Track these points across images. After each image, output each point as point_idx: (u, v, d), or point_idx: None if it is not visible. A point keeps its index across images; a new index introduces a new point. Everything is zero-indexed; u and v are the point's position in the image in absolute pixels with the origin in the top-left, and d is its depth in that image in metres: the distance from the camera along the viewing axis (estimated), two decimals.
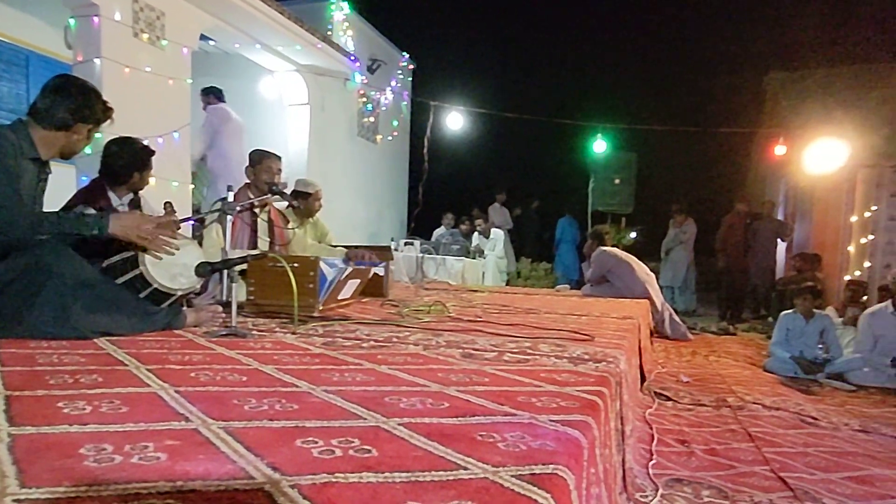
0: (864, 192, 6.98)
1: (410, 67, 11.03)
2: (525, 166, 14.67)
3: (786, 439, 3.15)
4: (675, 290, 9.51)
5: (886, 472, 2.65)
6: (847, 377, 4.99)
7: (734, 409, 3.73)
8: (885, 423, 3.71)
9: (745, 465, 2.64)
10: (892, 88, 8.12)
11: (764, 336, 6.88)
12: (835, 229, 7.94)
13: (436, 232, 9.81)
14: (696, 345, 6.37)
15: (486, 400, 1.36)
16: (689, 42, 13.51)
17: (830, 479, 2.49)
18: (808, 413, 3.78)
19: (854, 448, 3.07)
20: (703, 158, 12.26)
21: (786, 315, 5.53)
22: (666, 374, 4.62)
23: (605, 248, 6.42)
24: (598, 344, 2.36)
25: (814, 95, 8.34)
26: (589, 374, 1.70)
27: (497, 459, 0.96)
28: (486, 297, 4.89)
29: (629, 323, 3.36)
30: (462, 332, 2.60)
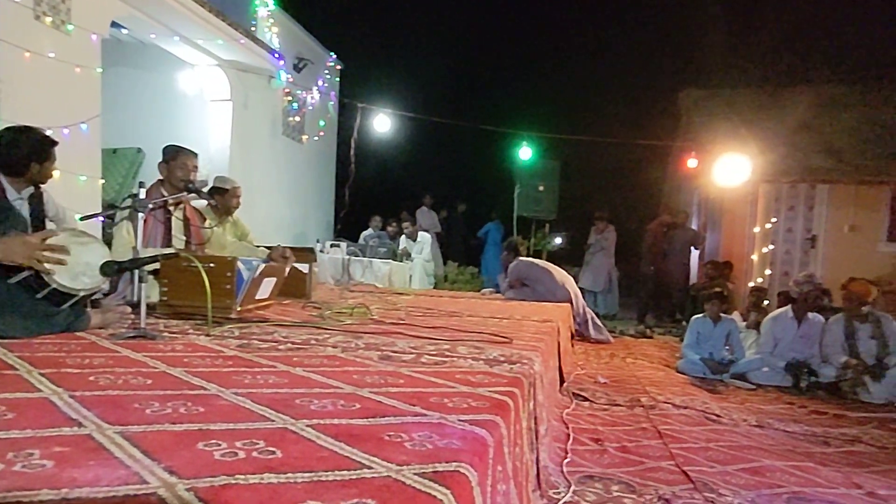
0: (765, 205, 7.49)
1: (338, 68, 10.89)
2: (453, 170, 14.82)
3: (691, 435, 3.32)
4: (596, 295, 9.84)
5: (776, 464, 2.84)
6: (749, 377, 5.32)
7: (647, 408, 3.90)
8: (778, 418, 3.99)
9: (653, 460, 2.76)
10: (788, 111, 8.80)
11: (678, 339, 7.23)
12: (741, 239, 8.48)
13: (363, 234, 9.74)
14: (615, 347, 6.61)
15: (398, 401, 1.37)
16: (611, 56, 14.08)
17: (727, 471, 2.65)
18: (713, 411, 4.01)
19: (750, 442, 3.29)
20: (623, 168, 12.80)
21: (696, 319, 5.83)
22: (585, 376, 4.77)
23: (521, 258, 6.62)
24: (515, 346, 2.41)
25: (722, 113, 8.90)
26: (503, 376, 1.73)
27: (402, 458, 0.97)
28: (411, 300, 4.90)
29: (548, 326, 3.46)
30: (383, 334, 2.60)
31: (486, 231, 11.22)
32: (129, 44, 7.80)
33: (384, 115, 9.17)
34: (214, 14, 6.79)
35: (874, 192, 8.13)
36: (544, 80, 15.96)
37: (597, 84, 14.22)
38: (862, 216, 8.54)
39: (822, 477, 2.73)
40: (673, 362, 5.78)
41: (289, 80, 8.86)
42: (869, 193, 8.20)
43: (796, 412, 4.29)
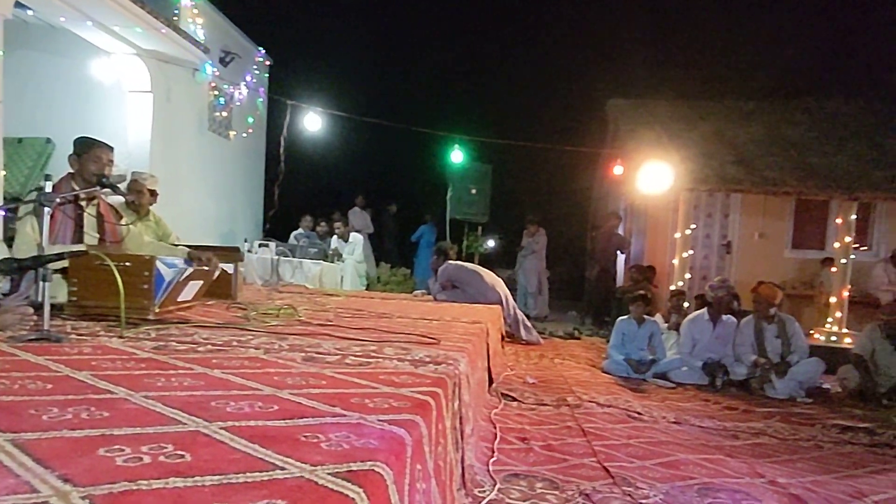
0: (685, 212, 7.87)
1: (267, 63, 10.60)
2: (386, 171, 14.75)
3: (613, 433, 3.44)
4: (528, 297, 10.04)
5: (690, 457, 2.99)
6: (669, 376, 5.56)
7: (572, 407, 4.00)
8: (694, 415, 4.19)
9: (576, 457, 2.84)
10: (707, 124, 9.31)
11: (604, 340, 7.47)
12: (663, 244, 8.86)
13: (293, 234, 9.54)
14: (544, 348, 6.76)
15: (318, 402, 1.34)
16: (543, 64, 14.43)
17: (645, 466, 2.76)
18: (635, 409, 4.16)
19: (667, 438, 3.43)
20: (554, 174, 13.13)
21: (621, 320, 6.04)
22: (514, 377, 4.84)
23: (450, 262, 6.69)
24: (443, 347, 2.42)
25: (646, 123, 9.29)
26: (427, 376, 1.74)
27: (317, 459, 0.95)
28: (341, 301, 4.84)
29: (477, 327, 3.49)
30: (309, 335, 2.55)
31: (419, 234, 11.24)
32: (36, 26, 7.31)
33: (315, 114, 9.01)
34: (132, 1, 6.45)
35: (780, 202, 8.70)
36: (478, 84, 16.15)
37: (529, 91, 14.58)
38: (770, 224, 9.12)
39: (730, 468, 2.88)
40: (599, 363, 5.96)
41: (215, 73, 8.56)
42: (776, 203, 8.76)
43: (711, 408, 4.51)
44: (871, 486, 2.87)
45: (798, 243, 9.19)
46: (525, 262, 10.05)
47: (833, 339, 7.36)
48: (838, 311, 7.58)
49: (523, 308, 9.32)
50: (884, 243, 8.87)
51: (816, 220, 9.06)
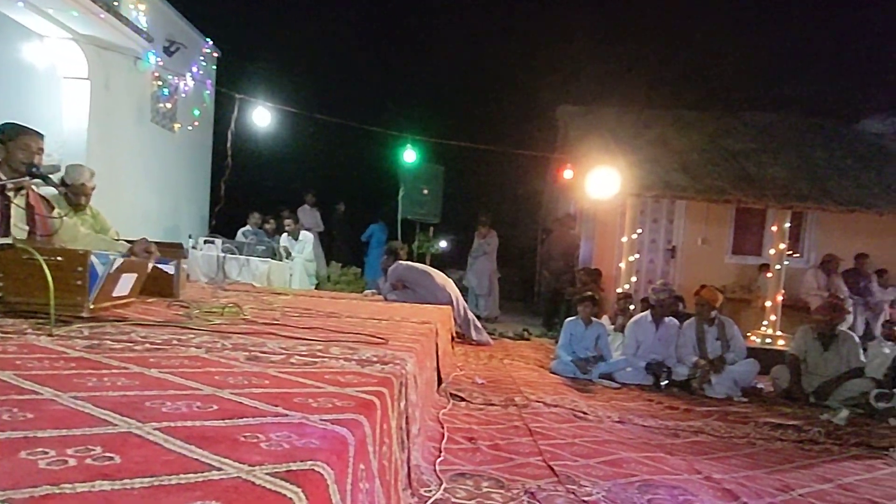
0: (632, 217, 8.08)
1: (215, 55, 10.31)
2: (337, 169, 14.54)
3: (559, 432, 3.49)
4: (478, 298, 10.10)
5: (632, 455, 3.06)
6: (615, 377, 5.70)
7: (520, 407, 4.05)
8: (638, 414, 4.30)
9: (522, 457, 2.87)
10: (652, 132, 9.61)
11: (553, 341, 7.59)
12: (611, 248, 9.07)
13: (240, 231, 9.32)
14: (494, 349, 6.82)
15: (260, 402, 1.31)
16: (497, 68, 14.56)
17: (589, 464, 2.82)
18: (581, 409, 4.24)
19: (611, 436, 3.51)
20: (506, 176, 13.28)
21: (570, 321, 6.14)
22: (463, 377, 4.87)
23: (400, 262, 6.68)
24: (391, 347, 2.40)
25: (596, 130, 9.50)
26: (373, 376, 1.72)
27: (256, 459, 0.92)
28: (289, 300, 4.75)
29: (427, 328, 3.49)
30: (254, 334, 2.49)
31: (370, 233, 11.16)
32: None
33: (264, 109, 8.81)
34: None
35: (722, 209, 9.03)
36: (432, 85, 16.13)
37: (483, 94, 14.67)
38: (712, 231, 9.47)
39: (670, 465, 2.97)
40: (548, 363, 6.05)
41: (158, 63, 8.26)
42: (718, 211, 9.10)
43: (654, 408, 4.64)
44: (796, 479, 3.01)
45: (738, 249, 9.56)
46: (476, 263, 10.12)
47: (768, 342, 7.70)
48: (773, 314, 7.93)
49: (474, 309, 9.37)
50: (814, 251, 9.33)
51: (754, 228, 9.44)
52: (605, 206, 8.74)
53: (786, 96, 12.48)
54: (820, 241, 9.35)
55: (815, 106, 11.36)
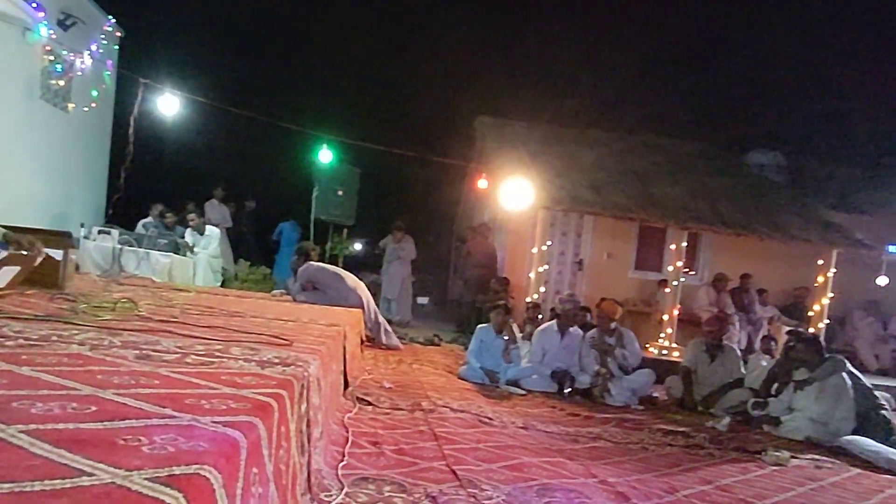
0: (542, 229, 8.34)
1: (117, 34, 9.65)
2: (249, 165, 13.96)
3: (464, 437, 3.52)
4: (391, 302, 10.05)
5: (533, 460, 3.14)
6: (521, 383, 5.82)
7: (426, 412, 4.05)
8: (541, 420, 4.42)
9: (426, 461, 2.87)
10: (564, 148, 10.00)
11: (463, 347, 7.66)
12: (522, 258, 9.30)
13: (141, 222, 8.78)
14: (404, 354, 6.79)
15: (146, 403, 1.23)
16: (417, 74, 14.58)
17: (491, 469, 2.86)
18: (486, 414, 4.30)
19: (514, 442, 3.58)
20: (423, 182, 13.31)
21: (481, 328, 6.23)
22: (371, 381, 4.82)
23: (311, 263, 6.56)
24: (295, 349, 2.34)
25: (510, 143, 9.75)
26: (273, 378, 1.66)
27: (135, 463, 0.86)
28: (191, 297, 4.51)
29: (334, 330, 3.42)
30: (148, 332, 2.34)
31: (279, 231, 10.85)
32: None
33: (172, 96, 8.33)
34: None
35: (626, 226, 9.50)
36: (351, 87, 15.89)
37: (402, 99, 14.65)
38: (618, 246, 9.93)
39: (568, 469, 3.07)
40: (457, 369, 6.10)
41: (51, 36, 7.62)
42: (623, 227, 9.55)
43: (557, 414, 4.78)
44: (682, 482, 3.20)
45: (640, 265, 10.08)
46: (390, 267, 10.07)
47: (664, 353, 8.16)
48: (670, 327, 8.42)
49: (386, 313, 9.32)
50: (707, 269, 10.00)
51: (655, 246, 9.99)
52: (517, 217, 8.96)
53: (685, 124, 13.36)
54: (712, 260, 10.02)
55: (710, 136, 12.27)
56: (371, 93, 15.20)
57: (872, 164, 11.63)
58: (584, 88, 13.56)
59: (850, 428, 4.79)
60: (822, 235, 8.63)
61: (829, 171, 11.21)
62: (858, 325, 9.67)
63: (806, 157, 11.58)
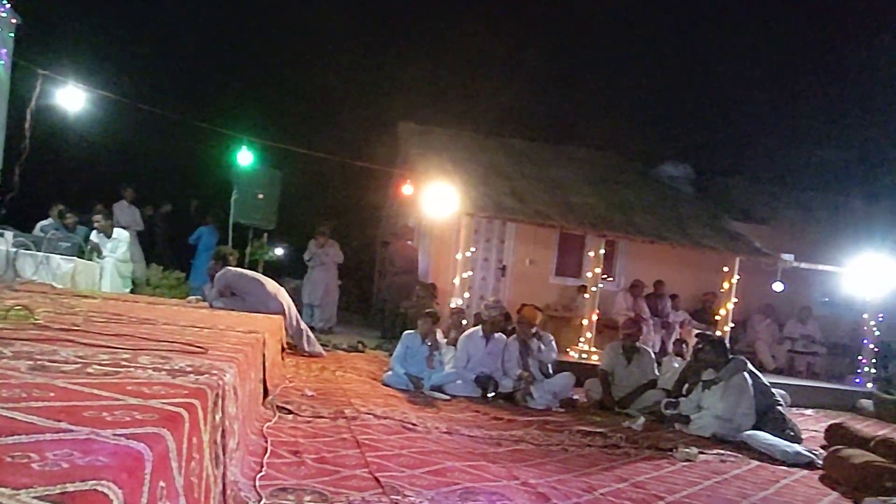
0: (466, 235, 8.43)
1: (13, 21, 8.93)
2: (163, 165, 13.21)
3: (387, 444, 3.49)
4: (314, 308, 9.84)
5: (457, 465, 3.15)
6: (446, 389, 5.83)
7: (349, 419, 3.99)
8: (465, 425, 4.44)
9: (349, 469, 2.83)
10: (487, 156, 10.18)
11: (388, 354, 7.59)
12: (447, 264, 9.35)
13: (39, 224, 8.16)
14: (327, 361, 6.66)
15: (38, 417, 1.13)
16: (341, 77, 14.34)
17: (415, 474, 2.84)
18: (410, 420, 4.28)
19: (438, 447, 3.58)
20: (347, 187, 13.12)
21: (407, 334, 6.19)
22: (293, 389, 4.69)
23: (229, 268, 6.34)
24: (210, 357, 2.24)
25: (434, 149, 9.81)
26: (184, 387, 1.58)
27: (23, 482, 0.79)
28: (96, 304, 4.24)
29: (253, 337, 3.31)
30: (45, 341, 2.17)
31: (197, 235, 10.40)
32: None
33: (75, 89, 7.77)
34: None
35: (547, 233, 9.75)
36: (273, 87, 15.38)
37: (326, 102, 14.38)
38: (539, 252, 10.17)
39: (491, 472, 3.10)
40: (381, 375, 6.04)
41: None
42: (544, 234, 9.80)
43: (480, 419, 4.82)
44: (600, 481, 3.31)
45: (561, 271, 10.36)
46: (313, 272, 9.86)
47: (584, 357, 8.41)
48: (589, 331, 8.70)
49: (309, 319, 9.11)
50: (624, 275, 10.41)
51: (575, 253, 10.30)
52: (441, 224, 9.01)
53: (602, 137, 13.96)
54: (628, 267, 10.45)
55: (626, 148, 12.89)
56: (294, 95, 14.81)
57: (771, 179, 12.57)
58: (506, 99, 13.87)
59: (750, 423, 5.11)
60: (727, 244, 9.19)
61: (732, 185, 11.98)
62: (758, 328, 10.35)
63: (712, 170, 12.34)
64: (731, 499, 3.32)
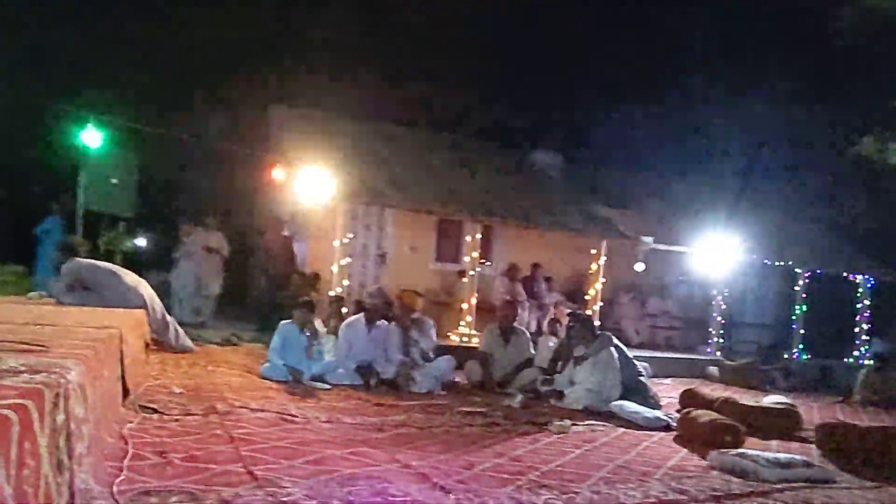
0: (344, 222, 8.29)
1: None
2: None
3: (264, 437, 3.36)
4: (183, 301, 9.21)
5: (337, 453, 3.10)
6: (327, 378, 5.70)
7: (222, 415, 3.80)
8: (347, 413, 4.38)
9: (221, 465, 2.70)
10: (364, 142, 10.05)
11: (265, 346, 7.28)
12: (325, 251, 9.13)
13: None
14: (197, 356, 6.28)
15: None
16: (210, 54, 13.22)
17: (293, 465, 2.76)
18: (289, 411, 4.15)
19: (318, 437, 3.50)
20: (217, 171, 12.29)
21: (284, 325, 5.97)
22: (159, 387, 4.43)
23: (79, 260, 5.79)
24: (52, 355, 2.00)
25: (310, 133, 9.49)
26: (15, 388, 1.39)
27: None
28: None
29: (107, 333, 3.03)
30: None
31: (45, 226, 9.33)
32: None
33: None
34: None
35: (427, 220, 9.82)
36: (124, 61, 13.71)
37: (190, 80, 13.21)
38: (419, 239, 10.23)
39: (372, 458, 3.08)
40: (257, 369, 5.80)
41: None
42: (423, 221, 9.86)
43: (362, 406, 4.78)
44: (479, 458, 3.41)
45: (440, 257, 10.49)
46: (181, 263, 9.22)
47: (464, 340, 8.61)
48: (469, 315, 8.90)
49: (178, 314, 8.52)
50: (501, 260, 10.75)
51: (454, 238, 10.46)
52: (318, 210, 8.75)
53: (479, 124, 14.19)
54: (505, 251, 10.80)
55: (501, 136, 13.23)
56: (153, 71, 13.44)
57: (633, 167, 13.55)
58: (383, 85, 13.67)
59: (618, 394, 5.49)
60: (595, 228, 9.79)
61: (599, 172, 12.75)
62: (623, 306, 11.17)
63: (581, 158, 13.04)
64: (599, 464, 3.55)
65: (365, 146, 10.00)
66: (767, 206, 13.01)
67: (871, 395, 8.06)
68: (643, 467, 3.56)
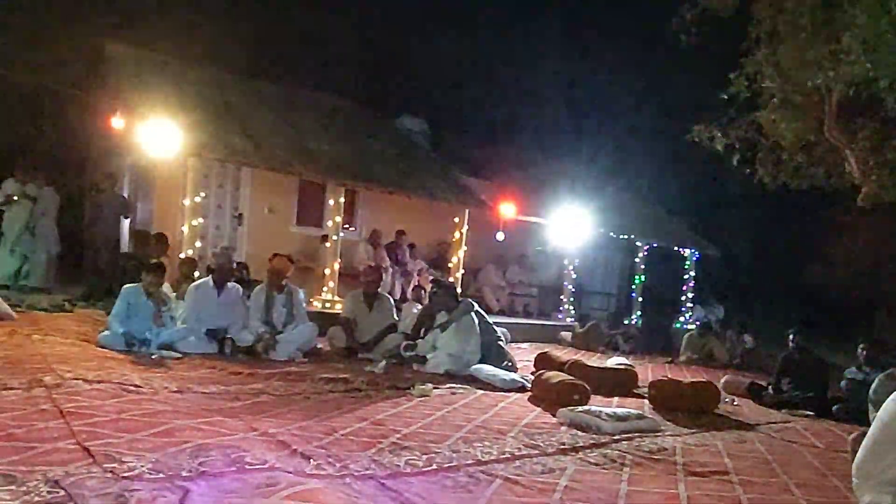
0: (194, 179, 7.68)
1: None
2: None
3: (102, 409, 3.07)
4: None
5: (187, 423, 2.90)
6: (177, 346, 5.30)
7: (50, 388, 3.41)
8: (199, 382, 4.12)
9: (48, 443, 2.44)
10: (217, 93, 9.26)
11: (104, 312, 6.61)
12: (174, 210, 8.41)
13: None
14: (19, 324, 5.55)
15: None
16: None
17: (136, 438, 2.53)
18: (133, 382, 3.83)
19: (166, 407, 3.25)
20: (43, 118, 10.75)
21: (128, 289, 5.44)
22: None
23: None
24: None
25: (153, 78, 8.54)
26: None
27: None
28: None
29: None
30: None
31: None
32: None
33: None
34: None
35: (287, 181, 9.38)
36: None
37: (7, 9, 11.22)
38: (279, 200, 9.78)
39: (228, 427, 2.92)
40: (94, 336, 5.26)
41: None
42: (283, 182, 9.43)
43: (217, 375, 4.52)
44: (341, 423, 3.38)
45: (302, 220, 10.12)
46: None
47: (327, 306, 8.43)
48: (332, 281, 8.72)
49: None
50: (365, 225, 10.62)
51: (316, 202, 10.10)
52: (164, 165, 7.97)
53: (345, 85, 13.76)
54: (369, 217, 10.68)
55: (367, 98, 12.94)
56: None
57: (494, 140, 13.96)
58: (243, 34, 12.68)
59: (477, 359, 5.71)
60: (458, 197, 9.96)
61: (463, 142, 12.98)
62: (485, 274, 11.58)
63: (445, 126, 13.17)
64: (458, 424, 3.67)
65: (220, 99, 9.28)
66: (615, 186, 14.13)
67: (693, 355, 9.24)
68: (499, 426, 3.74)
